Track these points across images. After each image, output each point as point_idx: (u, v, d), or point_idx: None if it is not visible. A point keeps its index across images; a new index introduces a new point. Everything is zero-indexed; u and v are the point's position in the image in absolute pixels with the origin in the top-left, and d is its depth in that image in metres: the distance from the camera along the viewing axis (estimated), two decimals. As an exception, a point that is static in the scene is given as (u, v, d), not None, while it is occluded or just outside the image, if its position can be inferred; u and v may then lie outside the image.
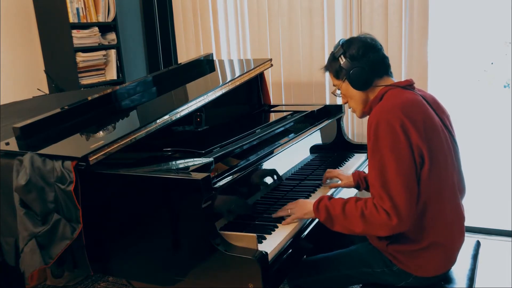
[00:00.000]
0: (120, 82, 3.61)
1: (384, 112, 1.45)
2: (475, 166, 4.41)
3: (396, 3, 2.73)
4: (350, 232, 1.50)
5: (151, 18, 3.85)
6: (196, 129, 2.08)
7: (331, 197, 1.57)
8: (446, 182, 1.51)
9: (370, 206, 1.43)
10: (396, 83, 1.58)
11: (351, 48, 1.58)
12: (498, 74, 6.43)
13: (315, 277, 1.72)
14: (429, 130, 1.46)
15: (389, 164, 1.41)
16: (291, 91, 3.20)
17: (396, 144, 1.41)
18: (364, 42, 1.59)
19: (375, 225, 1.43)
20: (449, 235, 1.53)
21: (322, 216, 1.53)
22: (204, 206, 1.37)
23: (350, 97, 1.65)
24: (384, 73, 1.60)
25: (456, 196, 1.55)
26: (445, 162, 1.50)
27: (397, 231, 1.44)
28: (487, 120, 6.00)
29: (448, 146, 1.53)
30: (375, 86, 1.59)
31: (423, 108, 1.50)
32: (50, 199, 1.55)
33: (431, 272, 1.55)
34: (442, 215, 1.50)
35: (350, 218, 1.47)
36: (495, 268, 2.62)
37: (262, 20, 3.20)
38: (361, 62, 1.56)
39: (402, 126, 1.41)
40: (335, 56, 1.63)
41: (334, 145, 2.54)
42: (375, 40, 1.62)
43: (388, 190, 1.40)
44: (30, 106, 2.50)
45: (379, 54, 1.59)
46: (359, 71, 1.56)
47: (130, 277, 1.68)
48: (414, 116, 1.44)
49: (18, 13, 3.37)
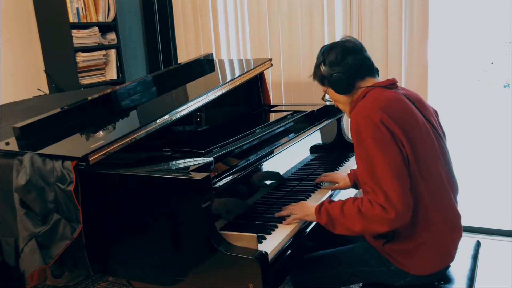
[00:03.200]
0: (120, 82, 3.61)
1: (363, 110, 1.47)
2: (475, 166, 4.41)
3: (396, 3, 2.73)
4: (351, 232, 1.50)
5: (151, 18, 3.85)
6: (196, 129, 2.08)
7: (331, 200, 1.58)
8: (435, 178, 1.51)
9: (366, 202, 1.44)
10: (378, 83, 1.59)
11: (330, 54, 1.60)
12: (498, 74, 6.43)
13: (317, 273, 1.73)
14: (409, 126, 1.47)
15: (376, 158, 1.42)
16: (291, 91, 3.20)
17: (379, 137, 1.42)
18: (342, 47, 1.60)
19: (373, 221, 1.43)
20: (442, 231, 1.53)
21: (324, 220, 1.54)
22: (204, 206, 1.37)
23: (337, 101, 1.69)
24: (367, 74, 1.61)
25: (446, 191, 1.56)
26: (429, 158, 1.51)
27: (396, 224, 1.43)
28: (487, 120, 6.00)
29: (432, 143, 1.54)
30: (358, 88, 1.60)
31: (403, 105, 1.51)
32: (50, 199, 1.55)
33: (428, 269, 1.55)
34: (433, 210, 1.50)
35: (349, 217, 1.47)
36: (495, 268, 2.62)
37: (262, 20, 3.20)
38: (340, 67, 1.58)
39: (381, 121, 1.43)
40: (317, 64, 1.66)
41: (334, 145, 2.54)
42: (354, 42, 1.63)
43: (379, 183, 1.41)
44: (30, 106, 2.50)
45: (358, 57, 1.60)
46: (339, 77, 1.58)
47: (130, 277, 1.68)
48: (393, 113, 1.45)
49: (18, 13, 3.37)
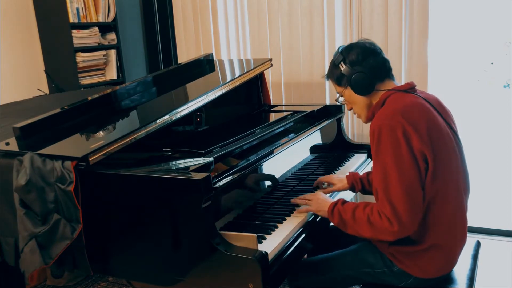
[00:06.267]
0: (120, 82, 3.61)
1: (385, 119, 1.45)
2: (475, 166, 4.40)
3: (396, 3, 2.73)
4: (361, 236, 1.52)
5: (151, 18, 3.85)
6: (196, 129, 2.08)
7: (344, 201, 1.58)
8: (451, 184, 1.50)
9: (375, 212, 1.45)
10: (398, 87, 1.57)
11: (351, 54, 1.58)
12: (498, 74, 6.43)
13: (316, 278, 1.72)
14: (433, 132, 1.46)
15: (391, 172, 1.41)
16: (291, 91, 3.20)
17: (398, 152, 1.41)
18: (363, 47, 1.59)
19: (380, 231, 1.45)
20: (451, 237, 1.53)
21: (336, 220, 1.56)
22: (204, 206, 1.37)
23: (353, 103, 1.66)
24: (386, 77, 1.60)
25: (461, 197, 1.55)
26: (450, 163, 1.50)
27: (400, 237, 1.45)
28: (487, 120, 6.01)
29: (453, 147, 1.53)
30: (377, 90, 1.58)
31: (426, 110, 1.50)
32: (50, 199, 1.55)
33: (431, 273, 1.54)
34: (445, 216, 1.50)
35: (359, 223, 1.49)
36: (495, 268, 2.62)
37: (262, 20, 3.20)
38: (362, 67, 1.56)
39: (403, 132, 1.41)
40: (335, 64, 1.63)
41: (334, 145, 2.53)
42: (374, 44, 1.62)
43: (389, 197, 1.42)
44: (30, 106, 2.50)
45: (379, 58, 1.59)
46: (361, 76, 1.56)
47: (130, 277, 1.68)
48: (415, 120, 1.44)
49: (18, 13, 3.37)
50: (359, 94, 1.60)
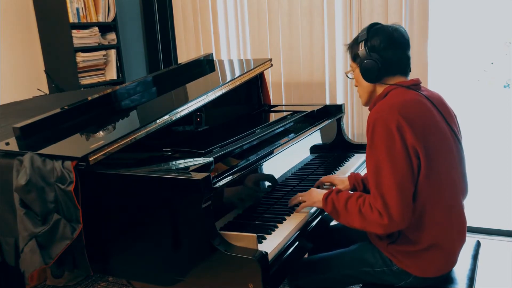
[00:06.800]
0: (120, 82, 3.61)
1: (381, 112, 1.46)
2: (475, 166, 4.41)
3: (396, 3, 2.73)
4: (351, 226, 1.53)
5: (151, 18, 3.85)
6: (196, 129, 2.08)
7: (339, 190, 1.61)
8: (446, 183, 1.50)
9: (366, 204, 1.47)
10: (401, 83, 1.57)
11: (375, 38, 1.55)
12: (498, 74, 6.43)
13: (316, 277, 1.72)
14: (428, 130, 1.47)
15: (384, 165, 1.42)
16: (291, 91, 3.20)
17: (392, 146, 1.42)
18: (390, 36, 1.55)
19: (369, 223, 1.46)
20: (449, 237, 1.53)
21: (329, 209, 1.58)
22: (204, 206, 1.37)
23: (359, 83, 1.66)
24: (398, 72, 1.58)
25: (457, 197, 1.55)
26: (445, 163, 1.50)
27: (390, 230, 1.47)
28: (487, 120, 6.00)
29: (450, 147, 1.53)
30: (384, 82, 1.58)
31: (424, 108, 1.50)
32: (50, 199, 1.55)
33: (431, 273, 1.55)
34: (441, 216, 1.50)
35: (350, 213, 1.51)
36: (495, 268, 2.62)
37: (262, 20, 3.20)
38: (379, 55, 1.54)
39: (398, 127, 1.42)
40: (358, 40, 1.61)
41: (334, 145, 2.54)
42: (403, 35, 1.57)
43: (380, 190, 1.43)
44: (30, 106, 2.50)
45: (399, 53, 1.56)
46: (371, 64, 1.55)
47: (130, 277, 1.68)
48: (412, 117, 1.44)
49: (18, 13, 3.37)
50: (364, 79, 1.60)
